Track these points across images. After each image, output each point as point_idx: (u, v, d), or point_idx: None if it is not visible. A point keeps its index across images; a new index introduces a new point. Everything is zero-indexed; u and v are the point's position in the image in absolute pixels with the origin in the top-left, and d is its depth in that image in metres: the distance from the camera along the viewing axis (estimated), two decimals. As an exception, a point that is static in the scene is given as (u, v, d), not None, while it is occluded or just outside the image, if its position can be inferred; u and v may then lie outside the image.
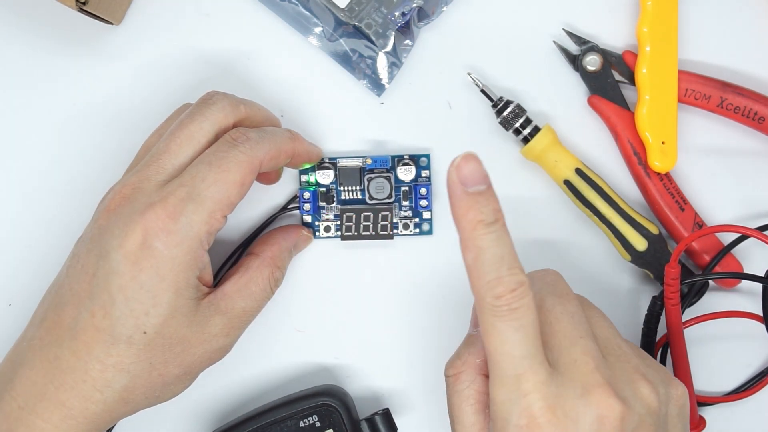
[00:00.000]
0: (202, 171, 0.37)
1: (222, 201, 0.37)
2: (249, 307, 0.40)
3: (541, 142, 0.44)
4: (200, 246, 0.37)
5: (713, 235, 0.45)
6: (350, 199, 0.45)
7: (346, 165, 0.45)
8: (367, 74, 0.46)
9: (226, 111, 0.39)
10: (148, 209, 0.36)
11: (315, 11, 0.46)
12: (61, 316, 0.37)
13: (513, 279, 0.32)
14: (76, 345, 0.36)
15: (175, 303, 0.37)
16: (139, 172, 0.38)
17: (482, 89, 0.45)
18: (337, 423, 0.42)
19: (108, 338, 0.36)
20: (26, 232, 0.46)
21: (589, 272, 0.46)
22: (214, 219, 0.37)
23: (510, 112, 0.44)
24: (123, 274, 0.36)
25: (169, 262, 0.36)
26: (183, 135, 0.38)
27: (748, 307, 0.46)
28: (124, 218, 0.36)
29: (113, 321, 0.36)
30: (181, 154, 0.38)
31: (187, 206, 0.36)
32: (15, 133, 0.46)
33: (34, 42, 0.46)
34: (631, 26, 0.46)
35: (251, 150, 0.38)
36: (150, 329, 0.36)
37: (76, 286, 0.37)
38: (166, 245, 0.36)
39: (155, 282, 0.36)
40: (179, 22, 0.46)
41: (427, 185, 0.45)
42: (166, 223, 0.36)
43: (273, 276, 0.41)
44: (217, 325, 0.38)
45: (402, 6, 0.45)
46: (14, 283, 0.46)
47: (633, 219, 0.44)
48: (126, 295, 0.36)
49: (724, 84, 0.45)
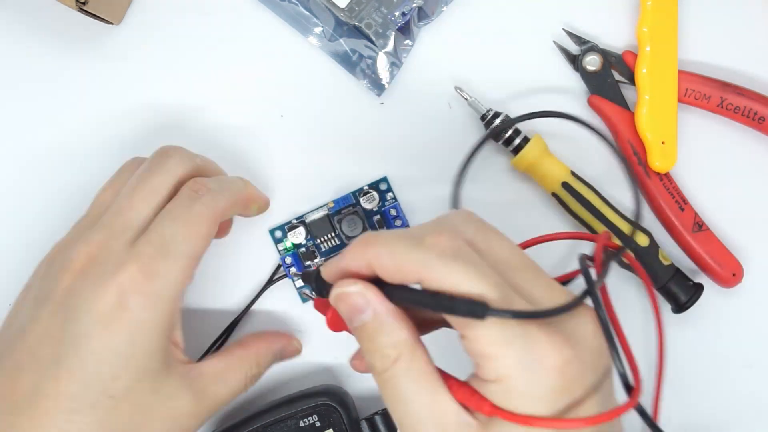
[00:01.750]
0: (170, 227, 0.36)
1: (193, 255, 0.37)
2: (221, 394, 0.38)
3: (530, 153, 0.44)
4: (174, 306, 0.36)
5: (719, 242, 0.45)
6: (331, 248, 0.45)
7: (313, 218, 0.45)
8: (367, 74, 0.46)
9: (184, 163, 0.39)
10: (120, 269, 0.35)
11: (315, 11, 0.46)
12: (18, 381, 0.35)
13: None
14: (34, 412, 0.34)
15: (145, 366, 0.35)
16: (103, 229, 0.37)
17: (470, 103, 0.45)
18: (337, 423, 0.42)
19: (71, 404, 0.34)
20: (26, 232, 0.46)
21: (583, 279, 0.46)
22: (187, 276, 0.36)
23: (498, 125, 0.44)
24: (94, 337, 0.34)
25: (143, 325, 0.35)
26: (145, 189, 0.38)
27: (749, 307, 0.46)
28: (93, 279, 0.35)
29: (79, 386, 0.34)
30: (145, 209, 0.37)
31: (161, 265, 0.35)
32: (15, 132, 0.46)
33: (34, 42, 0.46)
34: (631, 26, 0.46)
35: (213, 201, 0.38)
36: (117, 393, 0.35)
37: (38, 350, 0.35)
38: (142, 307, 0.35)
39: (128, 346, 0.35)
40: (179, 22, 0.46)
41: (395, 205, 0.45)
42: (142, 284, 0.35)
43: (251, 372, 0.40)
44: (185, 404, 0.37)
45: (402, 6, 0.45)
46: (14, 283, 0.46)
47: (621, 232, 0.44)
48: (97, 359, 0.34)
49: (724, 84, 0.45)
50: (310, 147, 0.46)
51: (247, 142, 0.46)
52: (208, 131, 0.46)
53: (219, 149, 0.46)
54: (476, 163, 0.46)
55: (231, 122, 0.46)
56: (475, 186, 0.46)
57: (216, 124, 0.46)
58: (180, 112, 0.46)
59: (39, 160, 0.46)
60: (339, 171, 0.46)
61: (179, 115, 0.46)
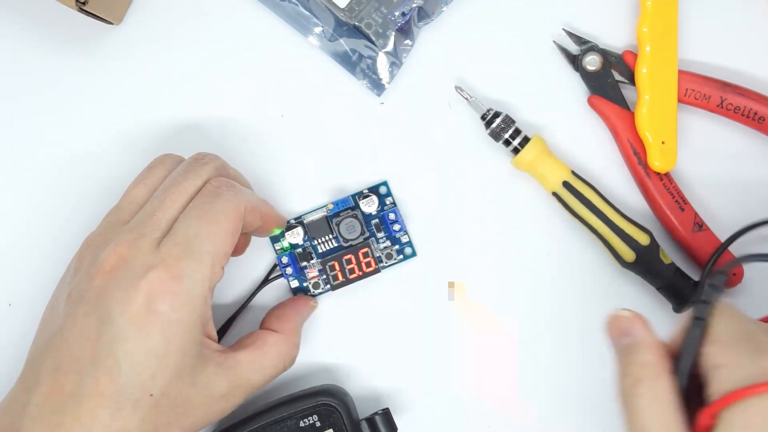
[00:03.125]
0: (194, 226, 0.37)
1: (219, 254, 0.37)
2: (257, 381, 0.40)
3: (530, 153, 0.44)
4: (204, 303, 0.37)
5: (719, 241, 0.45)
6: (328, 250, 0.45)
7: (312, 219, 0.45)
8: (367, 74, 0.46)
9: (218, 171, 0.40)
10: (149, 271, 0.36)
11: (315, 11, 0.46)
12: (61, 382, 0.36)
13: None
14: (79, 412, 0.35)
15: (181, 363, 0.36)
16: (134, 230, 0.37)
17: (470, 102, 0.45)
18: (337, 423, 0.42)
19: (113, 404, 0.35)
20: (26, 233, 0.46)
21: (584, 278, 0.46)
22: (215, 273, 0.37)
23: (498, 124, 0.44)
24: (128, 340, 0.35)
25: (176, 325, 0.36)
26: (177, 191, 0.38)
27: (749, 307, 0.46)
28: (124, 281, 0.36)
29: (119, 386, 0.35)
30: (173, 209, 0.38)
31: (188, 265, 0.36)
32: (15, 132, 0.46)
33: (34, 42, 0.46)
34: (631, 26, 0.46)
35: (235, 197, 0.39)
36: (156, 391, 0.36)
37: (76, 351, 0.36)
38: (172, 308, 0.36)
39: (162, 345, 0.36)
40: (179, 22, 0.46)
41: (394, 210, 0.45)
42: (170, 286, 0.36)
43: (290, 355, 0.42)
44: (221, 390, 0.38)
45: (402, 6, 0.45)
46: (14, 283, 0.46)
47: (622, 231, 0.44)
48: (132, 361, 0.35)
49: (724, 84, 0.45)
50: (310, 147, 0.46)
51: (247, 142, 0.46)
52: (208, 131, 0.46)
53: (219, 149, 0.46)
54: (476, 163, 0.46)
55: (231, 122, 0.46)
56: (475, 186, 0.46)
57: (216, 124, 0.46)
58: (180, 113, 0.46)
59: (39, 160, 0.46)
60: (339, 171, 0.46)
61: (179, 115, 0.46)
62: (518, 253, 0.46)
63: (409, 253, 0.46)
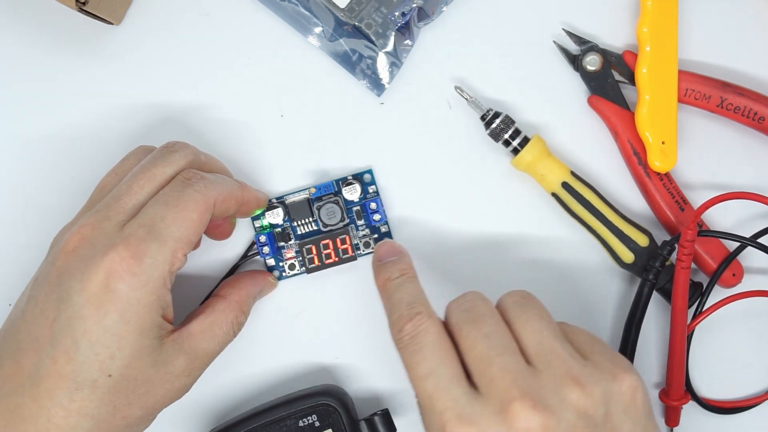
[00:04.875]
0: (161, 211, 0.37)
1: (182, 239, 0.37)
2: (211, 349, 0.40)
3: (529, 153, 0.44)
4: (164, 285, 0.37)
5: (719, 242, 0.45)
6: (306, 233, 0.45)
7: (293, 200, 0.45)
8: (367, 74, 0.46)
9: (187, 158, 0.40)
10: (110, 250, 0.36)
11: (315, 11, 0.46)
12: (21, 363, 0.36)
13: (411, 312, 0.37)
14: (37, 392, 0.35)
15: (140, 344, 0.36)
16: (98, 212, 0.37)
17: (470, 102, 0.45)
18: (336, 423, 0.42)
19: (71, 384, 0.35)
20: (26, 232, 0.46)
21: (584, 277, 0.46)
22: (177, 258, 0.37)
23: (498, 125, 0.44)
24: (86, 318, 0.35)
25: (134, 305, 0.36)
26: (145, 177, 0.38)
27: (749, 307, 0.46)
28: (84, 260, 0.36)
29: (77, 366, 0.35)
30: (141, 195, 0.38)
31: (150, 246, 0.36)
32: (15, 132, 0.46)
33: (34, 42, 0.46)
34: (631, 26, 0.46)
35: (205, 189, 0.38)
36: (115, 372, 0.36)
37: (35, 330, 0.36)
38: (131, 287, 0.36)
39: (120, 325, 0.35)
40: (179, 22, 0.46)
41: (376, 199, 0.45)
42: (130, 265, 0.36)
43: (237, 320, 0.41)
44: (180, 365, 0.38)
45: (402, 6, 0.45)
46: (14, 283, 0.46)
47: (621, 232, 0.44)
48: (90, 340, 0.35)
49: (724, 84, 0.45)
50: (310, 147, 0.46)
51: (247, 142, 0.46)
52: (207, 131, 0.46)
53: (219, 149, 0.46)
54: (476, 163, 0.46)
55: (231, 122, 0.46)
56: (475, 186, 0.46)
57: (216, 124, 0.46)
58: (180, 112, 0.46)
59: (39, 160, 0.46)
60: (339, 171, 0.46)
61: (179, 115, 0.46)
62: (517, 253, 0.46)
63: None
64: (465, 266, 0.46)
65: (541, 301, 0.38)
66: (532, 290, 0.46)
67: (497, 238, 0.46)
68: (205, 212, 0.38)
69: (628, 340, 0.44)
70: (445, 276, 0.46)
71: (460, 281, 0.46)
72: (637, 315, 0.44)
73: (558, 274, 0.46)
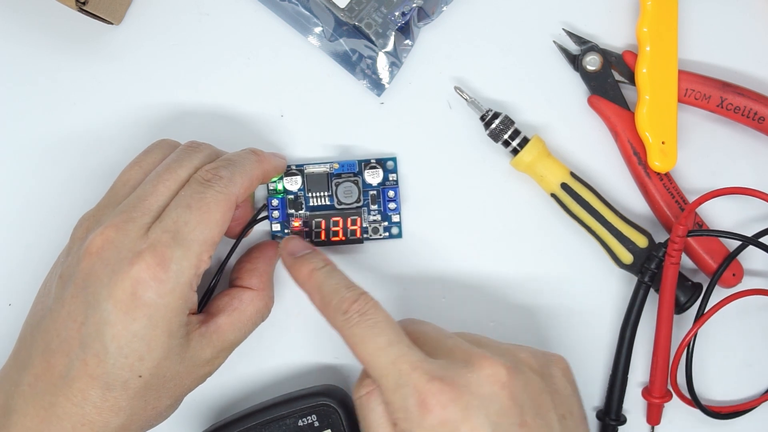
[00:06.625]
0: (184, 214, 0.37)
1: (207, 242, 0.38)
2: (238, 339, 0.41)
3: (529, 153, 0.44)
4: (190, 289, 0.37)
5: (719, 242, 0.45)
6: (319, 206, 0.45)
7: (313, 171, 0.45)
8: (367, 74, 0.46)
9: (211, 159, 0.40)
10: (136, 258, 0.36)
11: (315, 11, 0.46)
12: (51, 363, 0.36)
13: (354, 293, 0.38)
14: (70, 392, 0.36)
15: (168, 345, 0.37)
16: (123, 213, 0.38)
17: (469, 103, 0.45)
18: (335, 423, 0.42)
19: (103, 384, 0.36)
20: (26, 232, 0.46)
21: (583, 278, 0.46)
22: (202, 261, 0.37)
23: (498, 125, 0.44)
24: (115, 324, 0.36)
25: (161, 310, 0.36)
26: (171, 178, 0.39)
27: (749, 307, 0.46)
28: (110, 265, 0.36)
29: (107, 368, 0.36)
30: (166, 196, 0.38)
31: (175, 252, 0.36)
32: (15, 132, 0.46)
33: (34, 42, 0.46)
34: (631, 26, 0.46)
35: (226, 188, 0.39)
36: (145, 372, 0.36)
37: (63, 333, 0.36)
38: (158, 294, 0.36)
39: (148, 330, 0.36)
40: (179, 22, 0.46)
41: (395, 188, 0.45)
42: (157, 273, 0.36)
43: (266, 308, 0.42)
44: (207, 356, 0.39)
45: (402, 6, 0.45)
46: (14, 283, 0.46)
47: (620, 233, 0.44)
48: (119, 344, 0.36)
49: (724, 84, 0.45)
50: (310, 147, 0.46)
51: (247, 142, 0.46)
52: (207, 131, 0.46)
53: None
54: (476, 163, 0.46)
55: (231, 122, 0.46)
56: (475, 186, 0.46)
57: (216, 124, 0.46)
58: (180, 112, 0.46)
59: (39, 161, 0.46)
60: (339, 171, 0.46)
61: (179, 115, 0.46)
62: (517, 253, 0.46)
63: (395, 233, 0.46)
64: (464, 266, 0.46)
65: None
66: (531, 290, 0.46)
67: (497, 238, 0.46)
68: (228, 211, 0.39)
69: (623, 342, 0.44)
70: (444, 276, 0.46)
71: (459, 282, 0.46)
72: (632, 317, 0.44)
73: (557, 274, 0.46)
